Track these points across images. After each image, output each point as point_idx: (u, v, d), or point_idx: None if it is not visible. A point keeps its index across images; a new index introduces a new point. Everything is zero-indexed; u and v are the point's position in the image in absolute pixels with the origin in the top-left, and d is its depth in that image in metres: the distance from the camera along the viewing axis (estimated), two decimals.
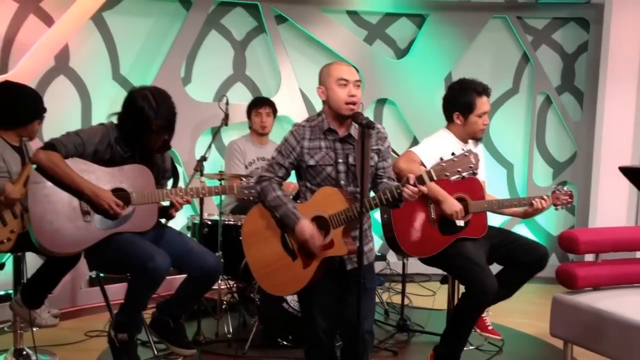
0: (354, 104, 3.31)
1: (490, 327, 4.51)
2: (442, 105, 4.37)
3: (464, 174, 3.22)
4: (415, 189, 3.17)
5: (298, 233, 3.30)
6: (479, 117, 4.18)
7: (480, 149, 4.43)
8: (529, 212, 4.23)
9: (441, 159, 3.62)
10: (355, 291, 3.16)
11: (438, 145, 4.18)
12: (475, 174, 3.62)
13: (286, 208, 3.33)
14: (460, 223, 4.09)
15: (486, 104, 4.21)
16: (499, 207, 4.24)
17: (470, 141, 4.30)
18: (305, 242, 3.30)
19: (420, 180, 3.20)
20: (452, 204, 4.02)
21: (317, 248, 3.30)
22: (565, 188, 4.31)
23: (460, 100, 4.22)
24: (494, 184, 6.68)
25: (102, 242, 3.69)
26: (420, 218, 4.10)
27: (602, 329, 4.06)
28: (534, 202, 4.15)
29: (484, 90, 4.21)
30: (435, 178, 3.23)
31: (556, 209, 4.30)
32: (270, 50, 6.82)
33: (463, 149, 3.29)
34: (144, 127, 3.68)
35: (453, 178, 3.22)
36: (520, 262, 4.18)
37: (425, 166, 4.07)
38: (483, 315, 4.39)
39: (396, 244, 4.11)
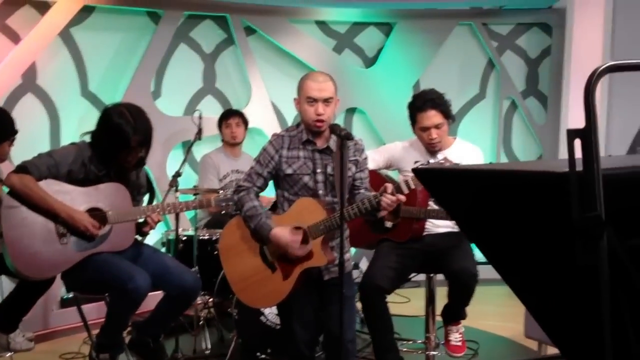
0: (321, 121, 3.35)
1: (452, 342, 4.36)
2: None
3: None
4: (394, 198, 3.24)
5: (273, 240, 3.32)
6: (422, 131, 4.14)
7: (473, 155, 4.33)
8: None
9: (399, 169, 3.69)
10: (335, 301, 3.23)
11: (395, 151, 4.31)
12: None
13: (259, 218, 3.35)
14: (388, 224, 4.11)
15: (427, 119, 4.10)
16: (428, 216, 4.15)
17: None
18: (282, 249, 3.32)
19: (398, 189, 3.28)
20: None
21: (295, 254, 3.32)
22: None
23: (409, 113, 4.24)
24: None
25: (80, 263, 3.66)
26: None
27: None
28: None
29: (424, 104, 4.12)
30: (413, 187, 3.32)
31: None
32: (240, 62, 6.81)
33: (427, 161, 3.36)
34: (122, 143, 3.66)
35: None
36: (444, 274, 4.16)
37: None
38: (448, 327, 4.35)
39: None
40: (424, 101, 4.14)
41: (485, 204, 1.47)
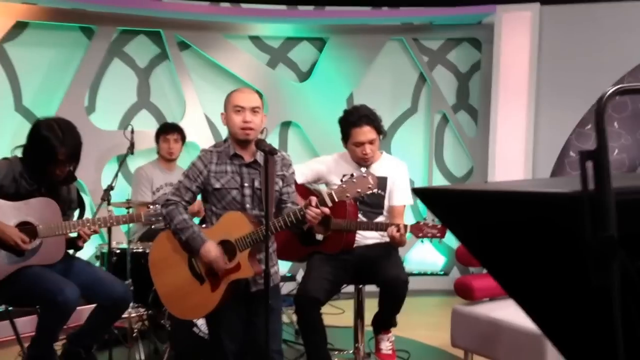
0: (249, 129, 3.44)
1: (383, 352, 4.46)
2: None
3: (363, 194, 3.42)
4: (318, 211, 3.35)
5: (203, 255, 3.41)
6: (355, 146, 4.28)
7: (399, 170, 4.49)
8: (392, 240, 4.16)
9: (341, 180, 3.80)
10: (261, 313, 3.31)
11: (323, 164, 4.44)
12: (374, 194, 3.83)
13: (192, 231, 3.43)
14: (319, 237, 4.26)
15: (361, 134, 4.24)
16: (357, 228, 4.24)
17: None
18: (210, 264, 3.41)
19: (322, 202, 3.38)
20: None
21: (221, 269, 3.40)
22: (435, 222, 4.14)
23: (341, 128, 4.37)
24: None
25: (11, 276, 3.70)
26: None
27: (498, 337, 4.29)
28: (388, 230, 4.11)
29: (359, 120, 4.26)
30: (336, 199, 3.42)
31: (421, 242, 4.26)
32: (174, 77, 6.87)
33: (363, 170, 3.47)
34: (50, 157, 3.71)
35: (353, 199, 3.40)
36: (375, 283, 4.26)
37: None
38: (379, 336, 4.46)
39: None
40: (359, 117, 4.27)
41: (493, 226, 1.45)
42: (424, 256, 7.41)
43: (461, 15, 7.45)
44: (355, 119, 4.27)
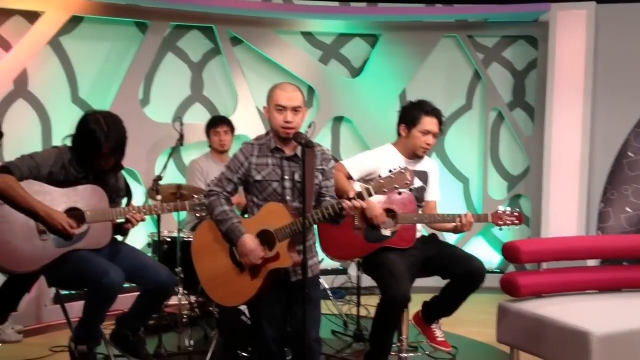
0: (290, 129, 3.48)
1: (440, 339, 4.51)
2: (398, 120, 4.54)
3: (401, 190, 3.43)
4: (357, 204, 3.37)
5: (240, 247, 3.46)
6: (422, 134, 4.34)
7: (435, 167, 4.60)
8: (457, 228, 4.26)
9: (379, 176, 3.81)
10: (301, 302, 3.33)
11: (373, 159, 4.42)
12: (411, 190, 3.85)
13: (231, 223, 3.49)
14: (387, 233, 4.25)
15: (432, 124, 4.36)
16: (428, 221, 4.35)
17: (415, 160, 4.45)
18: (246, 256, 3.46)
19: (359, 196, 3.39)
20: (372, 209, 4.14)
21: (255, 261, 3.45)
22: (511, 209, 4.29)
23: (408, 114, 4.42)
24: (450, 198, 6.86)
25: (59, 259, 3.80)
26: (344, 225, 4.11)
27: (544, 335, 4.23)
28: (457, 220, 4.22)
29: (432, 111, 4.38)
30: (374, 194, 3.43)
31: (500, 229, 4.32)
32: (226, 71, 6.94)
33: (399, 166, 3.49)
34: (95, 150, 3.81)
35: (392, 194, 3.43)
36: (454, 274, 4.27)
37: (352, 178, 4.31)
38: (432, 326, 4.48)
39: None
40: (433, 108, 4.40)
41: None
42: (479, 253, 7.29)
43: (516, 12, 7.36)
44: (429, 108, 4.39)
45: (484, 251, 7.58)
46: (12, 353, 4.74)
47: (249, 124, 6.78)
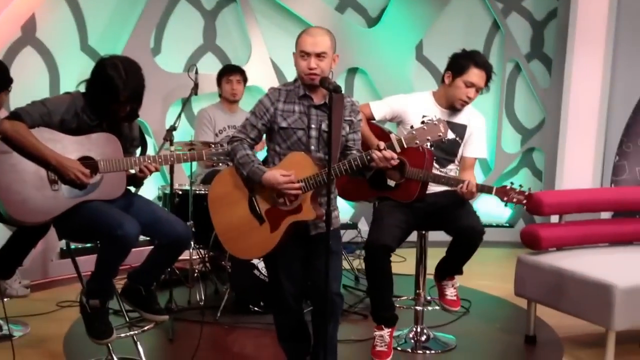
0: (314, 75, 3.34)
1: (448, 297, 4.41)
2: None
3: (433, 142, 3.31)
4: (388, 154, 3.26)
5: (266, 183, 3.34)
6: (465, 85, 4.12)
7: (480, 122, 4.36)
8: (459, 194, 4.04)
9: (411, 127, 3.68)
10: (321, 254, 3.21)
11: (402, 101, 4.25)
12: (444, 142, 3.70)
13: (252, 165, 3.38)
14: (391, 183, 4.14)
15: (478, 77, 4.11)
16: (433, 180, 4.14)
17: (451, 111, 4.25)
18: (278, 189, 3.33)
19: (390, 147, 3.29)
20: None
21: (291, 189, 3.32)
22: (521, 186, 4.02)
23: (458, 62, 4.19)
24: None
25: (71, 210, 3.68)
26: None
27: (563, 287, 4.21)
28: (459, 185, 4.01)
29: (483, 64, 4.14)
30: (405, 146, 3.32)
31: (505, 205, 4.08)
32: (240, 20, 6.79)
33: (435, 116, 3.35)
34: (112, 96, 3.66)
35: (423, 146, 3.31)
36: (450, 231, 4.14)
37: (374, 118, 4.17)
38: (443, 282, 4.40)
39: None
40: (484, 61, 4.18)
41: None
42: (490, 208, 7.24)
43: None
44: (480, 60, 4.16)
45: (494, 206, 7.48)
46: (19, 308, 4.68)
47: (262, 75, 6.66)
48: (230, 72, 5.91)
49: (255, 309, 4.82)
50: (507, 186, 4.02)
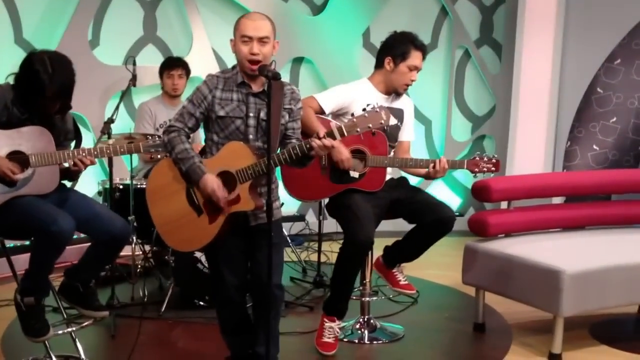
0: (256, 62, 3.25)
1: (402, 282, 4.40)
2: (378, 50, 4.28)
3: (374, 129, 3.24)
4: (328, 142, 3.19)
5: (202, 187, 3.27)
6: (409, 70, 4.11)
7: (410, 105, 4.39)
8: (430, 173, 4.05)
9: (352, 114, 3.59)
10: (262, 246, 3.19)
11: (347, 92, 4.17)
12: (385, 130, 3.64)
13: (192, 162, 3.29)
14: (355, 175, 4.08)
15: (419, 59, 4.13)
16: (400, 165, 4.14)
17: (391, 96, 4.24)
18: (209, 196, 3.26)
19: (330, 135, 3.21)
20: (339, 152, 3.94)
21: (221, 201, 3.26)
22: (488, 155, 4.10)
23: (397, 46, 4.14)
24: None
25: (2, 207, 3.56)
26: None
27: (511, 274, 4.18)
28: (430, 165, 4.01)
29: (421, 45, 4.14)
30: (346, 134, 3.25)
31: (474, 176, 4.13)
32: (181, 10, 6.62)
33: (377, 104, 3.31)
34: (38, 92, 3.54)
35: (363, 133, 3.24)
36: (422, 220, 4.12)
37: (324, 111, 4.08)
38: (394, 270, 4.37)
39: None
40: (422, 44, 4.16)
41: None
42: (439, 196, 7.21)
43: None
44: (418, 42, 4.15)
45: (444, 194, 7.51)
46: None
47: (204, 66, 6.44)
48: (172, 67, 5.77)
49: (201, 303, 4.75)
50: (476, 157, 4.06)
